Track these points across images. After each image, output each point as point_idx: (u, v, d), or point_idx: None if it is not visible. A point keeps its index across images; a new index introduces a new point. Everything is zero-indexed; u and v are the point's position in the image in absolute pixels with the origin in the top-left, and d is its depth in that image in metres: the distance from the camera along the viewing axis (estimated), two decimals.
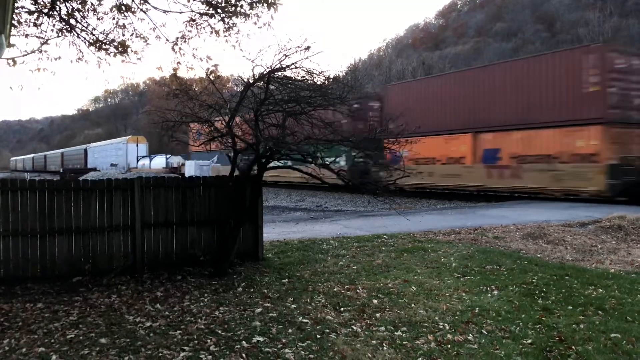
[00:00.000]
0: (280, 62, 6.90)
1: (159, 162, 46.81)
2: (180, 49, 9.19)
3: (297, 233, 11.07)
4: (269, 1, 8.56)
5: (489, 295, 6.08)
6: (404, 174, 7.90)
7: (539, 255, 8.48)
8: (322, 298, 6.01)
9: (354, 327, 5.01)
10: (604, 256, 8.39)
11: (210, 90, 7.94)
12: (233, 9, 8.65)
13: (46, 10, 8.44)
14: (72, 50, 19.13)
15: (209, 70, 8.82)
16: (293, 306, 5.70)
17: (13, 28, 8.18)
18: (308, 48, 6.78)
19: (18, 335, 4.84)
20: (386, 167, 7.60)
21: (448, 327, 4.98)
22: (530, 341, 4.60)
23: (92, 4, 8.75)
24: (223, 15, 8.78)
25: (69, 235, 7.10)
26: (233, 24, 8.86)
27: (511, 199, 19.74)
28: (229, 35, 8.99)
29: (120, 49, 9.10)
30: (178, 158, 45.28)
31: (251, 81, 7.24)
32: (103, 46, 9.03)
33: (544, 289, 6.25)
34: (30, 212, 6.90)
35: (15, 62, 8.38)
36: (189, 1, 8.73)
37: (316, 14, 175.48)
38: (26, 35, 8.61)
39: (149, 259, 7.53)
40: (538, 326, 4.98)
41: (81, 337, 4.77)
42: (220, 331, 4.91)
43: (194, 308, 5.66)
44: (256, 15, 8.75)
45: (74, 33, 8.84)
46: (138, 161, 51.44)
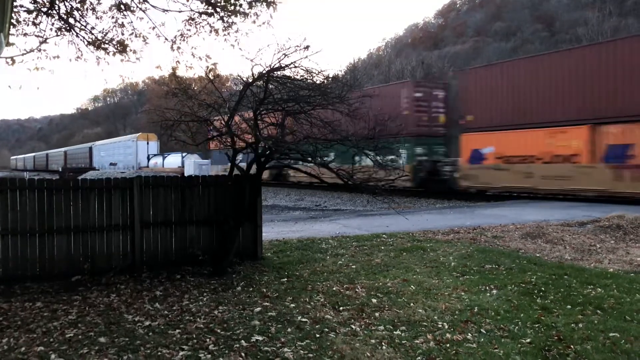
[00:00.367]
0: (279, 61, 6.90)
1: (174, 161, 42.11)
2: (179, 48, 9.21)
3: (296, 232, 11.08)
4: (268, 0, 8.56)
5: (488, 294, 6.09)
6: (403, 174, 7.91)
7: (538, 254, 8.49)
8: (321, 297, 6.01)
9: (353, 327, 5.01)
10: (603, 255, 8.40)
11: (209, 89, 7.94)
12: (232, 8, 8.65)
13: (45, 9, 8.43)
14: (71, 49, 19.10)
15: (208, 68, 8.83)
16: (292, 305, 5.70)
17: (12, 27, 8.18)
18: (307, 47, 6.79)
19: (17, 334, 4.84)
20: (384, 167, 7.57)
21: (447, 327, 4.99)
22: (529, 340, 4.61)
23: (91, 3, 8.75)
24: (222, 14, 8.78)
25: (68, 234, 7.10)
26: (232, 23, 8.88)
27: (511, 199, 19.74)
28: (228, 34, 9.01)
29: (119, 48, 9.10)
30: (195, 157, 40.59)
31: (250, 80, 7.24)
32: (102, 45, 9.03)
33: (543, 289, 6.25)
34: (29, 211, 6.90)
35: (14, 61, 8.38)
36: (188, 0, 8.74)
37: (315, 13, 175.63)
38: (25, 34, 8.61)
39: (148, 258, 7.53)
40: (537, 325, 4.99)
41: (80, 336, 4.77)
42: (219, 330, 4.92)
43: (193, 307, 5.66)
44: (255, 14, 8.76)
45: (73, 32, 8.84)
46: (149, 160, 47.06)
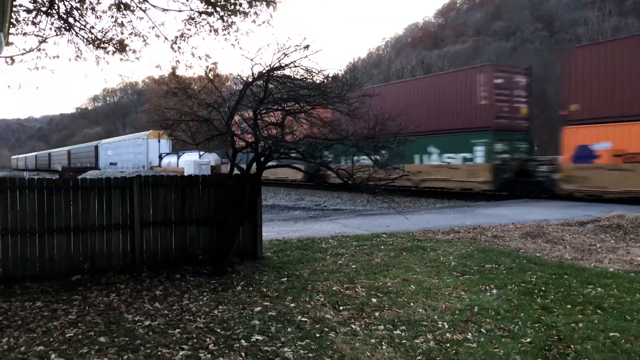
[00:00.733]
0: (279, 61, 6.90)
1: (190, 160, 38.07)
2: (179, 48, 9.21)
3: (296, 232, 11.08)
4: None
5: (488, 294, 6.09)
6: (403, 174, 7.89)
7: (538, 254, 8.49)
8: (321, 297, 6.01)
9: (353, 326, 5.01)
10: (603, 255, 8.40)
11: (209, 88, 7.94)
12: (232, 7, 8.64)
13: (44, 8, 8.43)
14: (71, 48, 19.10)
15: (208, 68, 8.82)
16: (292, 305, 5.70)
17: (11, 26, 8.17)
18: (307, 47, 6.79)
19: (17, 334, 4.84)
20: (385, 167, 7.56)
21: (447, 326, 4.98)
22: (529, 340, 4.61)
23: (91, 2, 8.75)
24: (222, 13, 8.78)
25: (68, 234, 7.09)
26: (232, 22, 8.87)
27: (510, 198, 19.74)
28: (228, 33, 9.01)
29: (118, 48, 9.10)
30: (214, 156, 36.84)
31: (250, 80, 7.23)
32: (102, 45, 9.03)
33: (543, 288, 6.25)
34: (29, 211, 6.89)
35: (13, 61, 8.38)
36: (188, 0, 8.73)
37: (315, 13, 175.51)
38: (24, 33, 8.61)
39: (148, 258, 7.52)
40: (537, 325, 4.99)
41: (80, 336, 4.77)
42: (219, 330, 4.91)
43: (193, 307, 5.66)
44: (255, 13, 8.76)
45: (73, 31, 8.84)
46: (162, 159, 43.62)
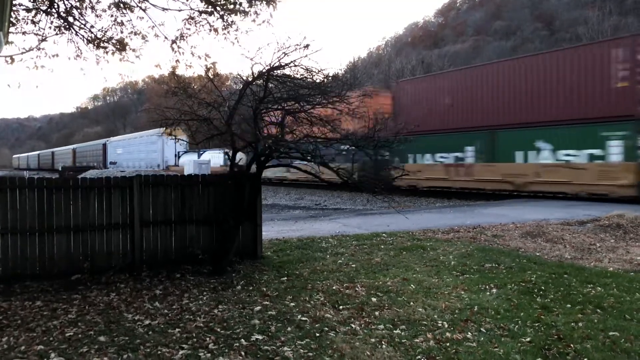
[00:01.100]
0: (279, 60, 6.89)
1: (213, 160, 35.88)
2: (179, 47, 9.20)
3: (296, 231, 11.08)
4: None
5: (488, 293, 6.09)
6: (404, 173, 7.90)
7: (538, 253, 8.48)
8: (321, 296, 6.01)
9: (353, 326, 5.01)
10: (603, 255, 8.39)
11: (209, 88, 7.94)
12: (232, 7, 8.64)
13: (44, 7, 8.43)
14: (71, 47, 19.10)
15: (208, 67, 8.82)
16: (292, 304, 5.70)
17: (11, 26, 8.17)
18: (307, 46, 6.78)
19: (17, 333, 4.84)
20: (390, 167, 7.57)
21: (447, 326, 4.98)
22: (529, 339, 4.60)
23: (91, 1, 8.75)
24: (222, 12, 8.77)
25: (68, 233, 7.09)
26: (232, 22, 8.86)
27: (510, 198, 19.75)
28: (228, 32, 8.99)
29: (118, 47, 9.09)
30: (240, 155, 34.81)
31: (250, 79, 7.23)
32: (101, 44, 9.02)
33: (543, 288, 6.25)
34: (29, 210, 6.89)
35: (13, 60, 8.38)
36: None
37: (316, 12, 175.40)
38: (24, 32, 8.61)
39: (148, 257, 7.52)
40: (537, 324, 4.99)
41: (80, 335, 4.77)
42: (219, 329, 4.91)
43: (193, 306, 5.66)
44: (255, 12, 8.75)
45: (72, 30, 8.83)
46: (179, 158, 40.77)
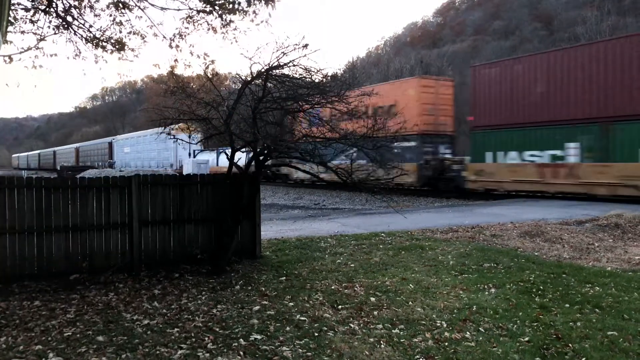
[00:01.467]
0: (278, 60, 6.89)
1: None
2: (177, 46, 9.18)
3: (295, 231, 11.07)
4: None
5: (487, 293, 6.09)
6: (402, 172, 7.90)
7: (537, 253, 8.50)
8: (320, 296, 6.01)
9: (352, 325, 5.01)
10: (601, 254, 8.41)
11: (207, 87, 7.93)
12: (230, 6, 8.62)
13: (43, 7, 8.41)
14: (69, 47, 19.08)
15: (207, 65, 8.80)
16: (291, 304, 5.70)
17: (9, 25, 8.15)
18: (306, 46, 6.78)
19: (15, 333, 4.83)
20: (385, 165, 7.56)
21: (445, 325, 4.99)
22: (527, 339, 4.61)
23: (89, 1, 8.72)
24: (220, 12, 8.76)
25: (66, 232, 7.08)
26: (230, 21, 8.84)
27: (509, 197, 19.76)
28: (226, 32, 8.98)
29: (117, 47, 9.07)
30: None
31: (249, 78, 7.22)
32: (100, 43, 9.01)
33: (542, 287, 6.26)
34: (27, 210, 6.88)
35: (11, 59, 8.36)
36: None
37: (314, 12, 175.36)
38: (22, 32, 8.59)
39: (147, 257, 7.52)
40: (535, 324, 4.99)
41: (78, 335, 4.76)
42: (217, 329, 4.91)
43: (192, 306, 5.66)
44: (254, 12, 8.73)
45: (71, 30, 8.81)
46: (195, 156, 38.02)
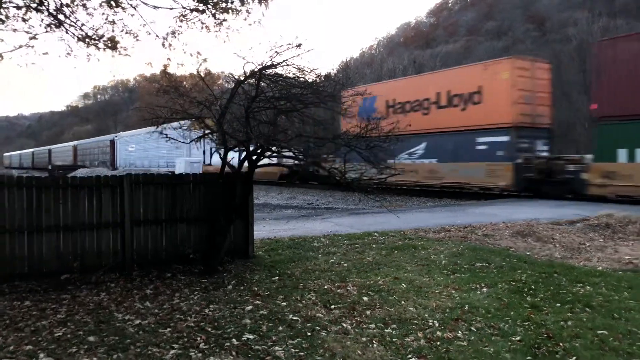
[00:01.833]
0: (271, 59, 6.88)
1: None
2: (170, 45, 9.14)
3: (288, 231, 11.07)
4: None
5: (479, 292, 6.12)
6: (395, 172, 7.91)
7: (528, 253, 8.54)
8: (313, 295, 6.01)
9: (344, 325, 5.01)
10: (592, 254, 8.47)
11: (200, 86, 7.90)
12: (224, 5, 8.60)
13: (34, 5, 8.34)
14: (61, 45, 18.95)
15: (200, 64, 8.76)
16: (283, 304, 5.70)
17: (1, 23, 8.09)
18: (299, 45, 6.77)
19: (5, 333, 4.80)
20: (377, 166, 7.57)
21: (438, 325, 5.01)
22: (519, 338, 4.64)
23: None
24: (214, 11, 8.73)
25: (58, 232, 7.03)
26: (223, 20, 8.82)
27: (500, 197, 19.84)
28: (219, 30, 8.95)
29: (109, 45, 9.02)
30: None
31: (242, 78, 7.21)
32: (92, 42, 8.95)
33: (533, 287, 6.29)
34: (18, 209, 6.83)
35: (2, 57, 8.29)
36: None
37: (308, 12, 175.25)
38: (14, 30, 8.51)
39: (139, 257, 7.48)
40: (527, 323, 5.03)
41: (69, 335, 4.74)
42: (210, 329, 4.90)
43: (184, 306, 5.64)
44: (247, 11, 8.71)
45: (63, 28, 8.75)
46: (212, 156, 34.38)
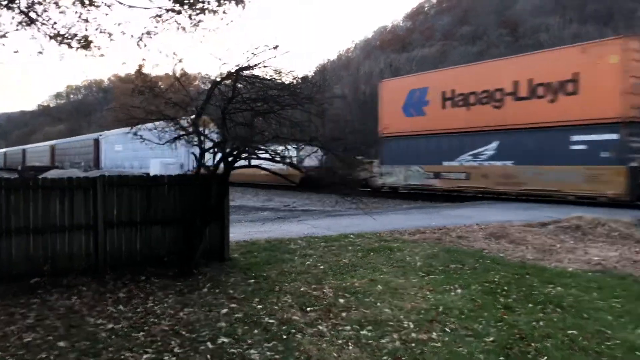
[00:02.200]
0: (248, 61, 6.86)
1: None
2: (145, 45, 9.02)
3: (264, 233, 11.01)
4: None
5: (453, 293, 6.19)
6: (372, 175, 7.96)
7: (501, 254, 8.68)
8: (289, 298, 5.99)
9: (320, 327, 5.01)
10: (563, 255, 8.65)
11: (176, 87, 7.82)
12: (200, 6, 8.52)
13: (5, 2, 8.13)
14: (33, 43, 18.50)
15: (175, 64, 8.67)
16: (259, 307, 5.67)
17: None
18: (276, 47, 6.77)
19: None
20: (352, 165, 7.61)
21: (413, 326, 5.05)
22: (492, 339, 4.71)
23: None
24: (190, 12, 8.65)
25: (28, 234, 6.86)
26: (199, 21, 8.74)
27: (474, 199, 20.12)
28: (195, 31, 8.87)
29: (83, 44, 8.85)
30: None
31: (219, 79, 7.16)
32: (65, 40, 8.77)
33: (506, 288, 6.40)
34: None
35: None
36: None
37: (285, 14, 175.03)
38: None
39: (112, 259, 7.35)
40: (500, 324, 5.10)
41: (39, 341, 4.62)
42: (184, 332, 4.85)
43: (158, 309, 5.56)
44: (224, 12, 8.65)
45: (35, 26, 8.56)
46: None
